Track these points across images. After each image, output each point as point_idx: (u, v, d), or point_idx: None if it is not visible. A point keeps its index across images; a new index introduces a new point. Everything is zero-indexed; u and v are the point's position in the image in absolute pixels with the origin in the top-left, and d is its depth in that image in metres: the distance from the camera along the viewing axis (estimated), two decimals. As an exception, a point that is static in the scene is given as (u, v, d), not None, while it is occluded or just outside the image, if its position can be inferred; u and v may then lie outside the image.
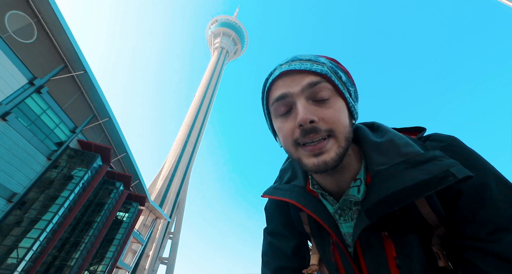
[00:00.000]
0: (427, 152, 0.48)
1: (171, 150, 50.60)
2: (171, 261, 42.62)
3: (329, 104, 0.52)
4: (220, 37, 71.04)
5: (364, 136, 0.59)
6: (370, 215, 0.49)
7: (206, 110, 58.94)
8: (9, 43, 12.15)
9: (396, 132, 0.57)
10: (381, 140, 0.56)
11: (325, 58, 0.58)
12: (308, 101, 0.52)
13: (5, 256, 11.79)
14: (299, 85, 0.52)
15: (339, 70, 0.57)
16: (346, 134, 0.51)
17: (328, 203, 0.62)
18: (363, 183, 0.55)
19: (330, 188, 0.61)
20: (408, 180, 0.45)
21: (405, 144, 0.51)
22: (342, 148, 0.51)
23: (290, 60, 0.56)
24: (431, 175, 0.43)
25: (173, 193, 43.99)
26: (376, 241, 0.54)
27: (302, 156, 0.52)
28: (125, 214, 22.46)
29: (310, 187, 0.65)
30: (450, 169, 0.42)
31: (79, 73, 16.22)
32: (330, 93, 0.52)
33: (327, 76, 0.52)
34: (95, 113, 18.75)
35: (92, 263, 19.02)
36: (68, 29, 14.33)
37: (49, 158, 14.71)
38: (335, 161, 0.50)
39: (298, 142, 0.52)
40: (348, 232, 0.60)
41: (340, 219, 0.61)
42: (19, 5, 12.78)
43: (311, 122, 0.49)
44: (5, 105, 11.95)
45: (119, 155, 22.39)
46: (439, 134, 0.56)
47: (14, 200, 12.67)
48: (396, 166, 0.48)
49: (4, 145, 12.01)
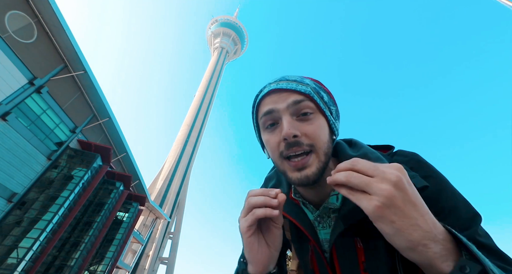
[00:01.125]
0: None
1: (171, 150, 50.65)
2: (171, 261, 42.65)
3: (311, 121, 0.58)
4: (220, 37, 71.07)
5: (342, 150, 0.66)
6: (345, 221, 0.55)
7: (206, 110, 58.97)
8: (9, 43, 12.16)
9: (369, 148, 0.65)
10: (356, 154, 0.62)
11: (310, 80, 0.65)
12: (293, 117, 0.58)
13: (5, 256, 11.80)
14: (285, 102, 0.58)
15: (322, 91, 0.63)
16: (325, 149, 0.57)
17: (309, 211, 0.67)
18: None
19: (311, 199, 0.66)
20: None
21: (376, 158, 0.59)
22: (322, 162, 0.56)
23: (278, 80, 0.63)
24: None
25: (173, 193, 44.01)
26: (349, 247, 0.58)
27: (287, 170, 0.58)
28: (125, 214, 22.48)
29: (292, 195, 0.70)
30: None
31: (79, 73, 16.23)
32: (312, 111, 0.58)
33: (310, 95, 0.59)
34: (95, 113, 18.76)
35: (92, 263, 19.03)
36: (68, 29, 14.33)
37: (49, 158, 14.72)
38: (316, 175, 0.55)
39: (283, 154, 0.57)
40: (325, 238, 0.64)
41: (319, 226, 0.65)
42: (19, 5, 12.79)
43: (295, 136, 0.55)
44: (5, 105, 11.96)
45: (119, 155, 22.40)
46: (404, 150, 0.64)
47: (14, 200, 12.68)
48: None
49: (4, 145, 12.02)
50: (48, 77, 14.38)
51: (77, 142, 17.14)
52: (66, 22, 14.17)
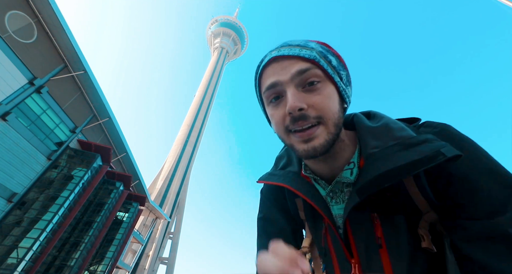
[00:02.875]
0: (419, 135, 0.50)
1: (171, 150, 50.62)
2: (171, 261, 42.63)
3: (318, 90, 0.52)
4: (220, 37, 71.03)
5: (360, 122, 0.61)
6: (360, 194, 0.51)
7: (206, 110, 58.95)
8: (9, 43, 12.15)
9: (391, 118, 0.59)
10: (376, 125, 0.57)
11: (315, 43, 0.58)
12: (298, 88, 0.52)
13: (5, 256, 11.80)
14: (289, 72, 0.52)
15: (330, 54, 0.57)
16: (335, 120, 0.52)
17: (320, 187, 0.63)
18: (356, 166, 0.56)
19: (322, 173, 0.62)
20: (400, 160, 0.46)
21: (399, 128, 0.53)
22: (331, 134, 0.52)
23: (280, 46, 0.57)
24: (423, 155, 0.45)
25: (173, 193, 43.99)
26: (366, 222, 0.55)
27: (294, 143, 0.54)
28: (125, 214, 22.47)
29: (303, 172, 0.66)
30: (440, 150, 0.44)
31: (79, 73, 16.22)
32: (319, 79, 0.53)
33: (315, 61, 0.53)
34: (95, 113, 18.75)
35: (92, 263, 19.03)
36: (68, 29, 14.33)
37: (49, 158, 14.72)
38: (323, 146, 0.51)
39: (289, 129, 0.53)
40: (339, 214, 0.61)
41: (332, 201, 0.62)
42: (19, 5, 12.78)
43: (300, 109, 0.50)
44: (5, 105, 11.95)
45: (119, 155, 22.39)
46: (433, 121, 0.57)
47: (14, 200, 12.68)
48: (389, 148, 0.50)
49: (4, 145, 12.01)
50: (48, 77, 14.38)
51: (77, 142, 17.13)
52: (66, 22, 14.16)
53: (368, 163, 0.52)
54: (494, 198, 0.44)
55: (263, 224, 0.78)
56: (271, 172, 0.73)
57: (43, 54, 14.13)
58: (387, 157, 0.49)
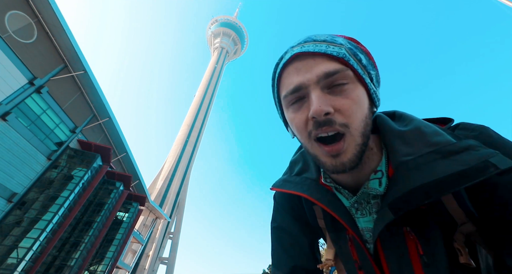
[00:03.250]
0: (460, 141, 0.43)
1: (171, 150, 50.64)
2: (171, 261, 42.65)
3: (347, 92, 0.46)
4: (220, 37, 71.06)
5: (385, 124, 0.54)
6: (395, 210, 0.45)
7: (206, 110, 58.97)
8: (9, 43, 12.15)
9: (422, 120, 0.52)
10: (406, 128, 0.51)
11: (343, 38, 0.52)
12: (324, 90, 0.47)
13: (5, 256, 11.80)
14: (314, 74, 0.47)
15: (359, 51, 0.51)
16: (362, 129, 0.47)
17: (343, 197, 0.58)
18: (384, 175, 0.51)
19: (345, 183, 0.56)
20: (439, 171, 0.40)
21: (433, 132, 0.47)
22: (359, 146, 0.47)
23: (303, 41, 0.50)
24: (468, 166, 0.38)
25: (173, 193, 44.01)
26: (398, 237, 0.50)
27: (319, 154, 0.48)
28: (125, 214, 22.47)
29: (323, 181, 0.60)
30: (489, 159, 0.38)
31: (79, 73, 16.23)
32: (348, 81, 0.47)
33: (345, 60, 0.47)
34: (95, 113, 18.76)
35: (92, 263, 19.03)
36: (68, 29, 14.33)
37: (49, 158, 14.72)
38: (353, 161, 0.46)
39: (312, 135, 0.48)
40: (366, 227, 0.55)
41: (357, 213, 0.56)
42: (19, 5, 12.78)
43: (326, 114, 0.45)
44: (5, 105, 11.96)
45: (119, 155, 22.39)
46: (469, 123, 0.51)
47: (14, 200, 12.68)
48: (425, 157, 0.44)
49: (4, 145, 12.01)
50: (48, 77, 14.38)
51: (77, 142, 17.13)
52: (66, 22, 14.16)
53: (400, 173, 0.46)
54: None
55: (278, 234, 0.71)
56: (285, 178, 0.67)
57: (43, 54, 14.13)
58: (423, 167, 0.42)
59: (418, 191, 0.41)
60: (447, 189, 0.39)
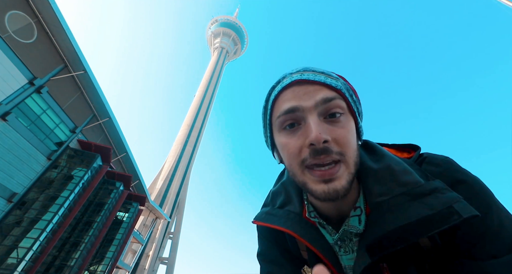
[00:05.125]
0: (427, 182, 0.46)
1: (171, 150, 50.65)
2: (171, 261, 42.65)
3: (341, 123, 0.48)
4: (220, 37, 71.10)
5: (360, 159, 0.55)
6: (372, 252, 0.46)
7: (206, 110, 58.99)
8: (9, 43, 12.15)
9: (393, 156, 0.55)
10: (378, 166, 0.53)
11: (335, 74, 0.55)
12: (320, 118, 0.48)
13: (5, 256, 11.80)
14: (313, 99, 0.48)
15: (349, 88, 0.54)
16: (355, 159, 0.48)
17: (327, 233, 0.58)
18: (363, 213, 0.52)
19: (329, 215, 0.57)
20: (410, 215, 0.43)
21: (403, 171, 0.49)
22: (351, 174, 0.47)
23: (302, 70, 0.52)
24: (435, 210, 0.41)
25: (173, 193, 44.02)
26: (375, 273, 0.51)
27: (309, 181, 0.48)
28: (125, 214, 22.48)
29: (307, 215, 0.60)
30: (453, 206, 0.41)
31: (79, 73, 16.23)
32: (342, 111, 0.49)
33: (342, 92, 0.49)
34: (95, 113, 18.76)
35: (92, 263, 19.03)
36: (68, 29, 14.33)
37: (49, 158, 14.72)
38: (345, 189, 0.46)
39: (306, 163, 0.47)
40: (349, 265, 0.56)
41: (341, 250, 0.57)
42: (19, 5, 12.79)
43: (325, 142, 0.45)
44: (5, 105, 11.96)
45: (119, 155, 22.40)
46: (433, 156, 0.53)
47: (14, 200, 12.68)
48: (397, 198, 0.46)
49: (4, 145, 12.02)
50: (48, 77, 14.39)
51: (77, 142, 17.14)
52: (66, 22, 14.16)
53: (376, 214, 0.48)
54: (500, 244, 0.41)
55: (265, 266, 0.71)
56: (268, 211, 0.66)
57: (43, 54, 14.13)
58: (396, 209, 0.45)
59: (393, 234, 0.44)
60: (419, 234, 0.42)
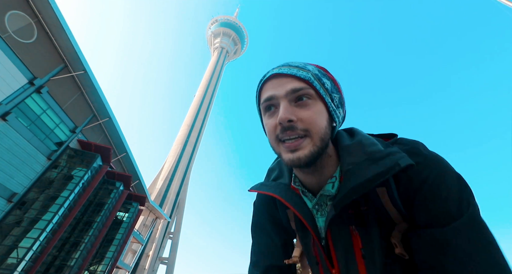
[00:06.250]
0: (385, 149, 0.57)
1: (171, 150, 50.64)
2: (171, 261, 42.64)
3: (308, 106, 0.58)
4: (220, 37, 71.07)
5: (340, 139, 0.67)
6: (336, 206, 0.57)
7: (206, 110, 58.96)
8: (9, 43, 12.16)
9: (366, 135, 0.65)
10: (351, 142, 0.64)
11: (313, 66, 0.65)
12: (291, 103, 0.59)
13: (5, 256, 11.81)
14: (284, 89, 0.59)
15: (325, 77, 0.63)
16: (321, 135, 0.57)
17: (308, 199, 0.68)
18: (337, 180, 0.62)
19: (310, 185, 0.67)
20: (369, 173, 0.53)
21: (370, 143, 0.60)
22: (317, 147, 0.57)
23: (281, 65, 0.64)
24: (385, 167, 0.52)
25: (173, 193, 44.01)
26: (345, 234, 0.61)
27: (282, 152, 0.59)
28: (125, 214, 22.49)
29: (293, 184, 0.71)
30: (398, 161, 0.51)
31: (79, 73, 16.24)
32: (310, 97, 0.59)
33: (309, 82, 0.59)
34: (95, 113, 18.76)
35: (92, 263, 19.04)
36: (68, 29, 14.34)
37: (49, 158, 14.72)
38: (308, 157, 0.56)
39: (279, 138, 0.59)
40: (323, 226, 0.66)
41: (318, 214, 0.67)
42: (19, 5, 12.79)
43: (290, 121, 0.56)
44: (5, 105, 11.96)
45: (119, 155, 22.40)
46: (406, 138, 0.64)
47: (14, 200, 12.69)
48: (361, 163, 0.56)
49: (4, 145, 12.02)
50: (48, 77, 14.39)
51: (77, 142, 17.14)
52: (66, 22, 14.17)
53: (346, 179, 0.57)
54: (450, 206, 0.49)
55: (256, 235, 0.84)
56: (263, 183, 0.78)
57: (43, 54, 14.13)
58: (359, 172, 0.55)
59: (352, 190, 0.54)
60: (370, 185, 0.52)
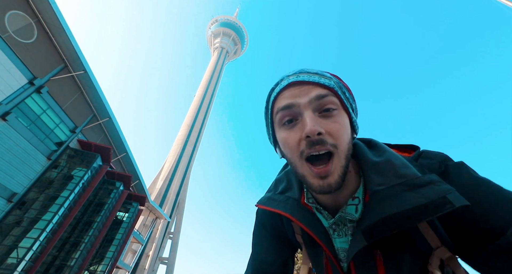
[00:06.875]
0: (424, 175, 0.49)
1: (171, 150, 50.64)
2: (171, 261, 42.64)
3: (335, 118, 0.52)
4: (220, 37, 71.08)
5: (363, 154, 0.60)
6: (368, 236, 0.49)
7: (206, 110, 58.96)
8: (9, 43, 12.15)
9: (393, 152, 0.58)
10: (379, 159, 0.56)
11: (329, 74, 0.60)
12: (315, 113, 0.52)
13: (5, 256, 11.80)
14: (307, 96, 0.53)
15: (342, 86, 0.59)
16: (346, 152, 0.52)
17: (323, 217, 0.62)
18: (361, 202, 0.56)
19: (325, 203, 0.61)
20: (406, 203, 0.45)
21: (402, 165, 0.53)
22: (343, 167, 0.51)
23: (298, 72, 0.57)
24: (429, 200, 0.44)
25: (173, 193, 44.01)
26: (369, 259, 0.54)
27: (307, 175, 0.52)
28: (125, 214, 22.48)
29: (305, 201, 0.64)
30: (447, 196, 0.43)
31: (79, 73, 16.23)
32: (336, 107, 0.53)
33: (334, 90, 0.54)
34: (95, 113, 18.76)
35: (92, 263, 19.03)
36: (68, 29, 14.34)
37: (49, 158, 14.72)
38: (338, 183, 0.50)
39: (304, 154, 0.51)
40: (341, 247, 0.60)
41: (334, 234, 0.61)
42: (19, 5, 12.79)
43: (319, 134, 0.49)
44: (5, 105, 11.96)
45: (119, 155, 22.39)
46: (430, 152, 0.57)
47: (14, 200, 12.68)
48: (395, 188, 0.49)
49: (4, 145, 12.01)
50: (48, 77, 14.38)
51: (77, 142, 17.13)
52: (66, 22, 14.17)
53: (374, 201, 0.51)
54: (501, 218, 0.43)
55: (254, 247, 0.80)
56: (269, 196, 0.72)
57: (43, 54, 14.13)
58: (392, 197, 0.48)
59: (389, 220, 0.46)
60: (414, 220, 0.44)
